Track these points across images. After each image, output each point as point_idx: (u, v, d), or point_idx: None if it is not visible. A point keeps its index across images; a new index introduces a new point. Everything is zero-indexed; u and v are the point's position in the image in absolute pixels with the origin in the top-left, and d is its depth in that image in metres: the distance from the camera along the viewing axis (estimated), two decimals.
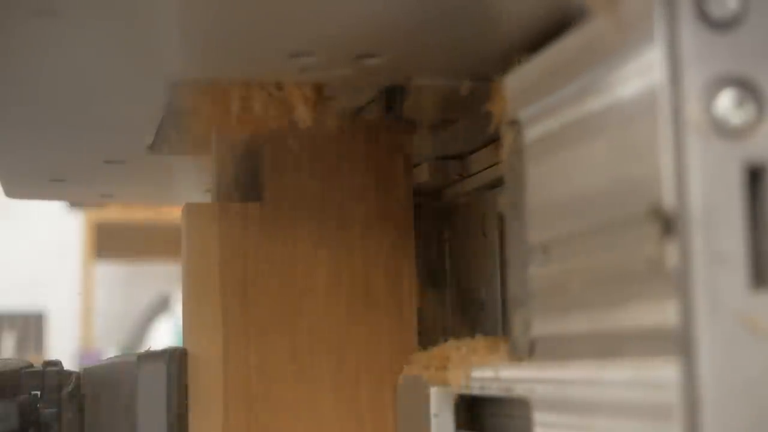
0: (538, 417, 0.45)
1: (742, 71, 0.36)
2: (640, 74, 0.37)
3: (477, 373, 0.52)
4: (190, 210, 0.63)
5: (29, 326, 3.57)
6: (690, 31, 0.36)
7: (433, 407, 0.55)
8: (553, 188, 0.45)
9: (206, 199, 0.88)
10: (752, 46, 0.36)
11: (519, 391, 0.47)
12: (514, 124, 0.48)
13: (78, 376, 0.64)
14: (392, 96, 0.64)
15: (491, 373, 0.50)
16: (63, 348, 3.37)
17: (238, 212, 0.62)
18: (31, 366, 0.66)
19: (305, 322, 0.62)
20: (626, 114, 0.38)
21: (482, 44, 0.53)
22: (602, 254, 0.40)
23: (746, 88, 0.36)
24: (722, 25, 0.36)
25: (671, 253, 0.35)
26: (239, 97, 0.59)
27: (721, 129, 0.36)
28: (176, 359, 0.61)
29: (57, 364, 0.65)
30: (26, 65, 0.57)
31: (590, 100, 0.41)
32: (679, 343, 0.35)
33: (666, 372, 0.35)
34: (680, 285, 0.35)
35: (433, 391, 0.56)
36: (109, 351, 3.07)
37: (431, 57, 0.56)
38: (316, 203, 0.63)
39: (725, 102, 0.36)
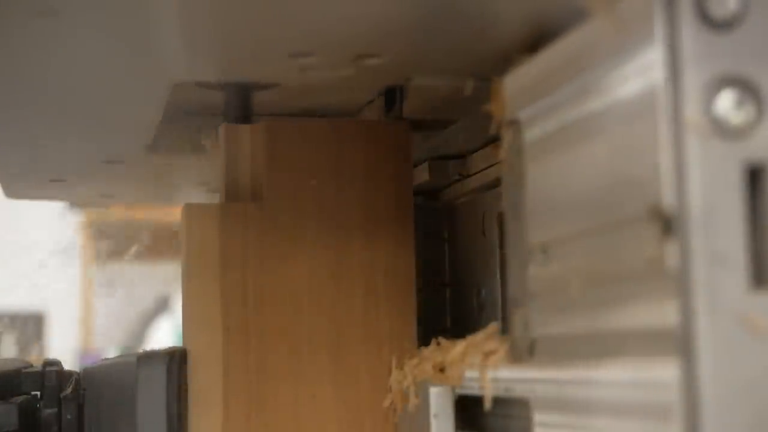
0: (538, 417, 0.45)
1: (741, 71, 0.36)
2: (640, 74, 0.37)
3: (476, 373, 0.52)
4: (190, 210, 0.63)
5: (29, 326, 3.57)
6: (690, 31, 0.36)
7: (433, 407, 0.55)
8: (553, 188, 0.45)
9: (206, 199, 0.88)
10: (752, 46, 0.36)
11: (519, 391, 0.47)
12: (514, 124, 0.48)
13: (78, 376, 0.64)
14: (392, 96, 0.64)
15: (491, 373, 0.50)
16: (63, 348, 3.37)
17: (238, 212, 0.62)
18: (31, 366, 0.66)
19: (305, 322, 0.62)
20: (626, 114, 0.38)
21: (482, 44, 0.53)
22: (602, 254, 0.40)
23: (746, 88, 0.36)
24: (722, 25, 0.36)
25: (671, 253, 0.35)
26: None
27: (720, 129, 0.36)
28: (176, 359, 0.61)
29: (57, 364, 0.65)
30: (27, 65, 0.57)
31: (590, 100, 0.41)
32: (679, 343, 0.35)
33: (666, 372, 0.35)
34: (680, 285, 0.35)
35: (433, 391, 0.56)
36: (109, 351, 3.07)
37: (431, 57, 0.56)
38: (316, 203, 0.63)
39: (725, 102, 0.36)
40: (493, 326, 0.54)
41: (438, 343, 0.59)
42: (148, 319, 3.55)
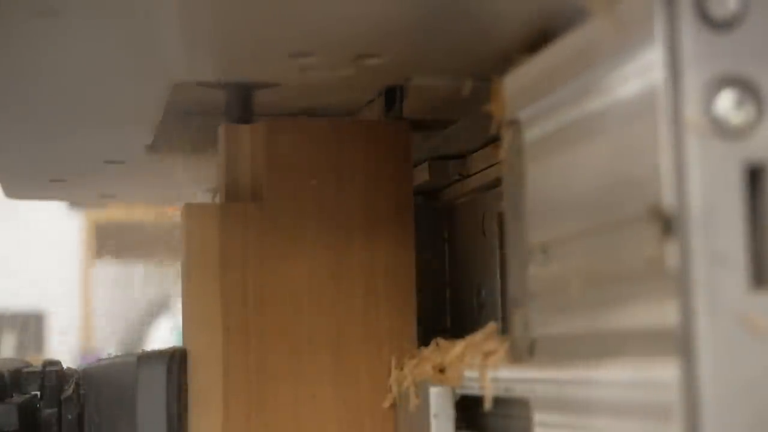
0: (538, 417, 0.45)
1: (742, 71, 0.36)
2: (640, 74, 0.37)
3: (476, 373, 0.52)
4: (190, 210, 0.63)
5: (29, 326, 3.57)
6: (690, 31, 0.36)
7: (433, 407, 0.55)
8: (553, 188, 0.45)
9: (206, 199, 0.88)
10: (752, 46, 0.36)
11: (519, 391, 0.47)
12: (514, 124, 0.48)
13: (78, 376, 0.64)
14: (392, 96, 0.64)
15: (491, 373, 0.50)
16: (63, 348, 3.37)
17: (238, 212, 0.62)
18: (31, 366, 0.66)
19: (305, 322, 0.62)
20: (626, 114, 0.38)
21: (482, 44, 0.53)
22: (602, 254, 0.40)
23: (746, 88, 0.36)
24: (722, 25, 0.36)
25: (671, 253, 0.35)
26: None
27: (720, 129, 0.36)
28: (176, 359, 0.61)
29: (57, 364, 0.65)
30: (27, 65, 0.57)
31: (590, 100, 0.41)
32: (679, 343, 0.35)
33: (666, 372, 0.35)
34: (680, 285, 0.35)
35: (433, 391, 0.56)
36: (109, 351, 3.07)
37: (431, 57, 0.56)
38: (316, 203, 0.63)
39: (725, 102, 0.36)
40: (493, 326, 0.54)
41: (437, 344, 0.59)
42: (148, 319, 3.55)
